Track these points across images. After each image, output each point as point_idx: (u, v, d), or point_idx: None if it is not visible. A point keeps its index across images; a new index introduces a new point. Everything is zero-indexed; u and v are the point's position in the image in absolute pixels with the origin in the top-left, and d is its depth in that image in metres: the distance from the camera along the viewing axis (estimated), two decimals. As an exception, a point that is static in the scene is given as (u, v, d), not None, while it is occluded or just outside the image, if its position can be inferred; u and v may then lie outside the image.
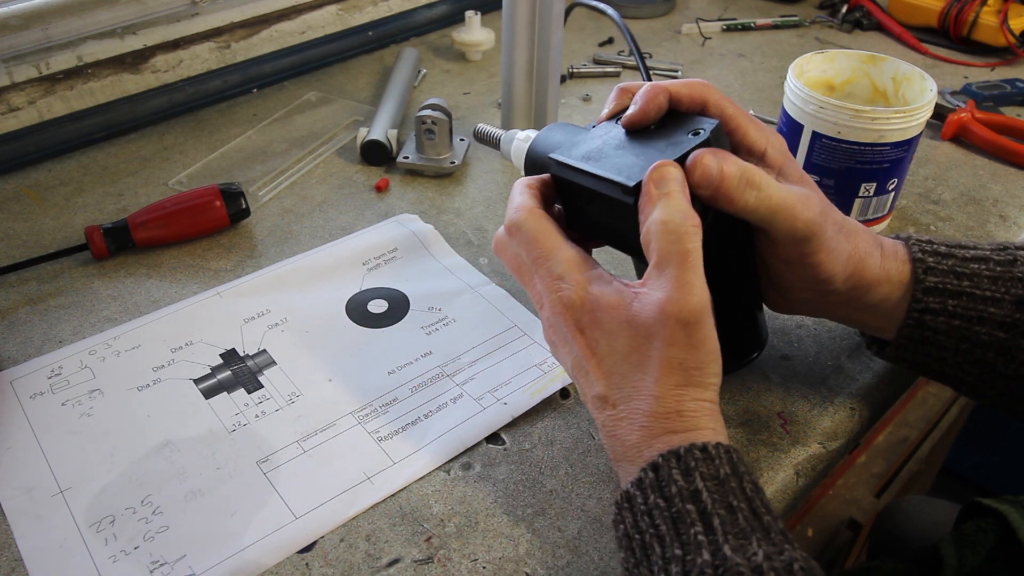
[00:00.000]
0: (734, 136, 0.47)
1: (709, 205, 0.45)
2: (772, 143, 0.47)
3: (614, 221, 0.46)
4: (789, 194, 0.45)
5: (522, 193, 0.47)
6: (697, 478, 0.38)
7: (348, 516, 0.48)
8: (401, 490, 0.49)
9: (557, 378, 0.56)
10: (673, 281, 0.41)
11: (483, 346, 0.59)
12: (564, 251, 0.45)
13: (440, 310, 0.62)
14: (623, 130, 0.47)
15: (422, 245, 0.69)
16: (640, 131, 0.47)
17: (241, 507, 0.48)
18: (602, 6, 0.65)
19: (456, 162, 0.77)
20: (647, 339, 0.41)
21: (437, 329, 0.61)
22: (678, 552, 0.37)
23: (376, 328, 0.61)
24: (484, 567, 0.45)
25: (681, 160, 0.44)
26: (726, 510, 0.37)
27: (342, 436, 0.52)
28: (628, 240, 0.45)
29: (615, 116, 0.49)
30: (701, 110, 0.47)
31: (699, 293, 0.41)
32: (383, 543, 0.47)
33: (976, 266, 0.48)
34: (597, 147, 0.47)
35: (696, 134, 0.45)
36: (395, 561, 0.46)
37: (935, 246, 0.49)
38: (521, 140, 0.61)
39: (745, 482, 0.39)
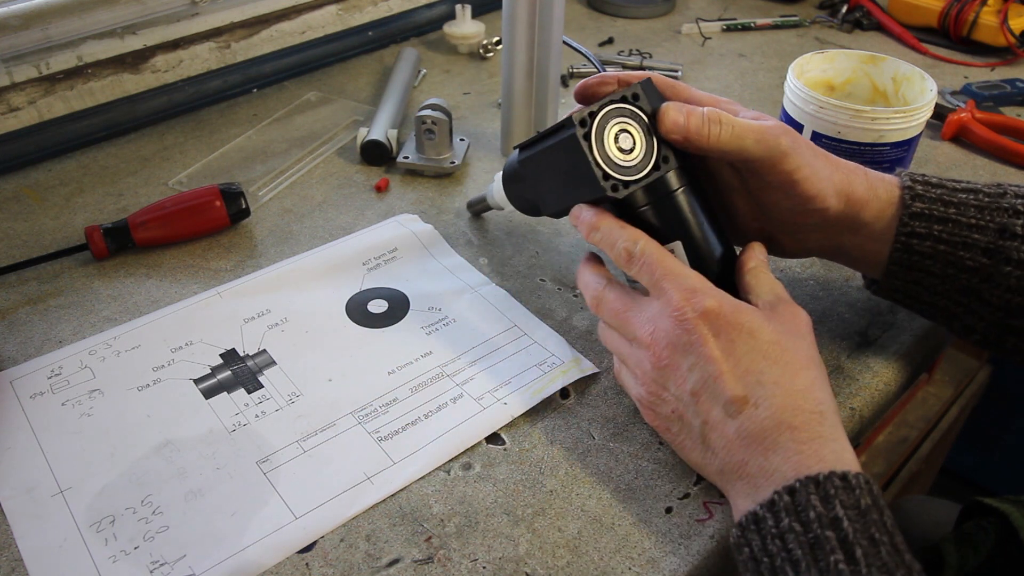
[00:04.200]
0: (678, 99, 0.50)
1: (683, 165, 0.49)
2: (721, 102, 0.50)
3: (578, 169, 0.48)
4: (755, 123, 0.47)
5: (621, 226, 0.49)
6: (837, 505, 0.37)
7: (348, 516, 0.48)
8: (401, 490, 0.49)
9: (557, 378, 0.56)
10: (786, 294, 0.47)
11: (483, 346, 0.59)
12: (690, 271, 0.47)
13: (440, 310, 0.62)
14: None
15: (422, 245, 0.69)
16: None
17: (241, 507, 0.48)
18: (580, 47, 0.67)
19: (456, 162, 0.77)
20: (787, 332, 0.44)
21: (437, 329, 0.61)
22: None
23: (376, 328, 0.61)
24: (484, 567, 0.45)
25: (611, 102, 0.48)
26: (868, 541, 0.36)
27: (342, 436, 0.52)
28: (591, 181, 0.48)
29: None
30: None
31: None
32: (383, 543, 0.47)
33: (964, 196, 0.50)
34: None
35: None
36: (395, 561, 0.46)
37: (926, 177, 0.51)
38: (493, 183, 0.65)
39: (885, 516, 0.37)
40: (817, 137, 0.65)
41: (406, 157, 0.77)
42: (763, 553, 0.38)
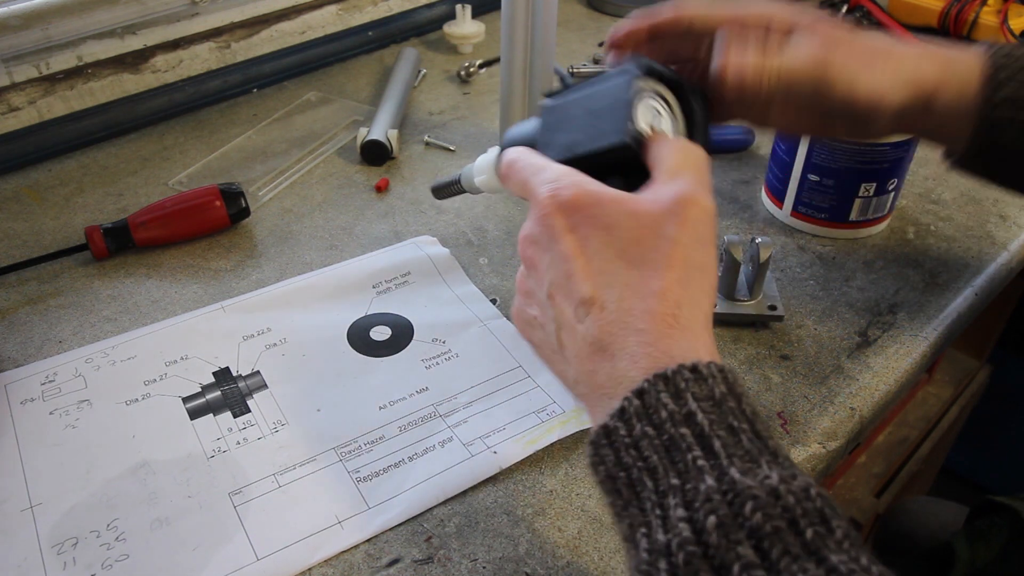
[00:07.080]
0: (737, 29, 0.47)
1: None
2: (775, 15, 0.48)
3: (604, 113, 0.44)
4: (796, 62, 0.46)
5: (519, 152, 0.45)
6: (689, 399, 0.33)
7: (311, 563, 0.46)
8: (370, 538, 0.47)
9: (555, 429, 0.53)
10: (692, 181, 0.38)
11: (482, 386, 0.56)
12: (559, 166, 0.41)
13: (444, 343, 0.60)
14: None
15: (436, 271, 0.66)
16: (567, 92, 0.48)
17: (204, 541, 0.46)
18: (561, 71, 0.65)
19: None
20: (652, 228, 0.37)
21: (438, 363, 0.58)
22: (675, 482, 0.31)
23: (375, 357, 0.58)
24: (484, 567, 0.45)
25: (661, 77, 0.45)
26: (727, 431, 0.32)
27: (320, 473, 0.50)
28: (616, 122, 0.42)
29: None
30: (686, 30, 0.49)
31: (713, 202, 0.38)
32: (383, 543, 0.47)
33: None
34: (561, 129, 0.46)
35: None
36: (395, 561, 0.46)
37: (1013, 51, 0.48)
38: (485, 155, 0.55)
39: (744, 402, 0.34)
40: (817, 137, 0.65)
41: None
42: (618, 467, 0.34)
